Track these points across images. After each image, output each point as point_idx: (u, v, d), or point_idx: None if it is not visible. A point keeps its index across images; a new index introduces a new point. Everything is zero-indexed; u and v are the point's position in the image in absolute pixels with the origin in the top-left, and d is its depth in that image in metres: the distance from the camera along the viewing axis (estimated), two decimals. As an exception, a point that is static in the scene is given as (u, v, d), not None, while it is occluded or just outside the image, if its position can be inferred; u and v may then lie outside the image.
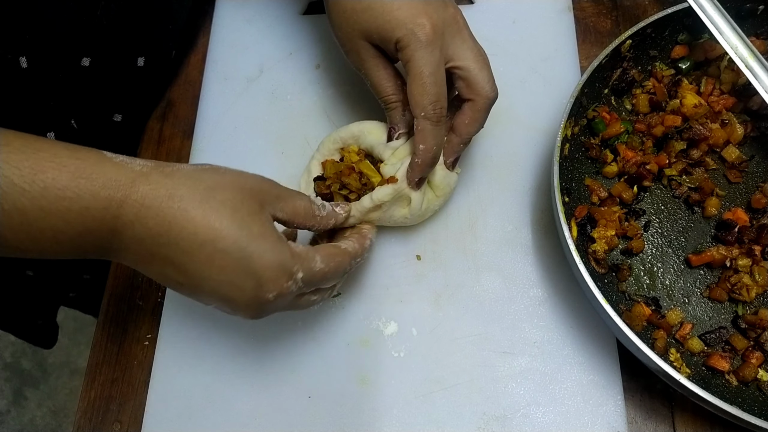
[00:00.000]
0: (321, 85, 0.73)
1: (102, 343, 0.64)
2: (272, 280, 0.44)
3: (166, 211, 0.42)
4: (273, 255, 0.44)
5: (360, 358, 0.60)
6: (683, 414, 0.56)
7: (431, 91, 0.51)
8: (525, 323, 0.60)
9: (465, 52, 0.53)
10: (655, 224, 0.62)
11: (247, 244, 0.43)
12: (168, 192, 0.42)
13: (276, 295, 0.45)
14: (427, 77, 0.51)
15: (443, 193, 0.60)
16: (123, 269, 0.67)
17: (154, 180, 0.43)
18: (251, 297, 0.44)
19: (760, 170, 0.63)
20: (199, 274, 0.43)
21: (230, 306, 0.46)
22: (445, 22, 0.51)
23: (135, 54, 0.69)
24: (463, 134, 0.56)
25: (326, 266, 0.48)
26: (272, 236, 0.45)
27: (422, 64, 0.50)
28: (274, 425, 0.59)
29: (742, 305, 0.57)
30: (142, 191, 0.42)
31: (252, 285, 0.44)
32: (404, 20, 0.50)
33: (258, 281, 0.44)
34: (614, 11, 0.74)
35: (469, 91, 0.54)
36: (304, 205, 0.50)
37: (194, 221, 0.42)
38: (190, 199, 0.42)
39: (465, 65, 0.53)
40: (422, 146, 0.54)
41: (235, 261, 0.43)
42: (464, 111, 0.55)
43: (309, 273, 0.46)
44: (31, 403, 1.77)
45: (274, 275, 0.44)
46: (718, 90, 0.64)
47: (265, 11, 0.78)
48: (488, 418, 0.57)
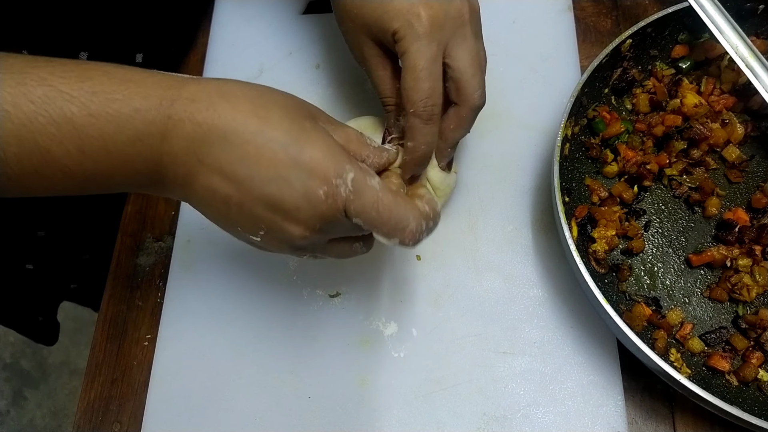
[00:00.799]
0: (321, 85, 0.73)
1: (102, 344, 0.64)
2: (321, 173, 0.40)
3: (216, 106, 0.40)
4: (325, 148, 0.41)
5: (360, 358, 0.60)
6: (684, 414, 0.56)
7: (423, 87, 0.49)
8: (525, 323, 0.60)
9: (462, 52, 0.50)
10: (656, 224, 0.61)
11: (298, 135, 0.41)
12: (217, 88, 0.41)
13: (326, 192, 0.40)
14: (420, 71, 0.48)
15: (444, 194, 0.60)
16: (123, 269, 0.67)
17: (204, 80, 0.42)
18: (301, 195, 0.40)
19: (760, 170, 0.62)
20: (247, 173, 0.40)
21: (280, 213, 0.41)
22: (447, 14, 0.48)
23: (133, 50, 0.68)
24: (449, 139, 0.54)
25: (381, 192, 0.43)
26: (325, 133, 0.42)
27: (416, 57, 0.48)
28: (274, 425, 0.59)
29: (743, 305, 0.57)
30: (191, 89, 0.41)
31: (302, 178, 0.40)
32: (401, 11, 0.48)
33: (308, 173, 0.40)
34: (614, 11, 0.74)
35: (457, 94, 0.51)
36: (356, 134, 0.47)
37: (243, 113, 0.40)
38: (239, 96, 0.41)
39: (458, 66, 0.50)
40: (410, 144, 0.51)
41: (284, 150, 0.40)
42: (450, 115, 0.53)
43: (361, 183, 0.42)
44: (30, 404, 1.77)
45: (324, 166, 0.40)
46: (719, 90, 0.64)
47: (265, 11, 0.78)
48: (488, 418, 0.57)
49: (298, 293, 0.63)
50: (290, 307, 0.63)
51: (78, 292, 0.95)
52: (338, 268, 0.64)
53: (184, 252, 0.67)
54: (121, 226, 0.70)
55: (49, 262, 0.85)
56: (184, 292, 0.65)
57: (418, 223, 0.44)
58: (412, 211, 0.44)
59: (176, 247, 0.67)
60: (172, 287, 0.65)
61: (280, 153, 0.40)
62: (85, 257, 0.88)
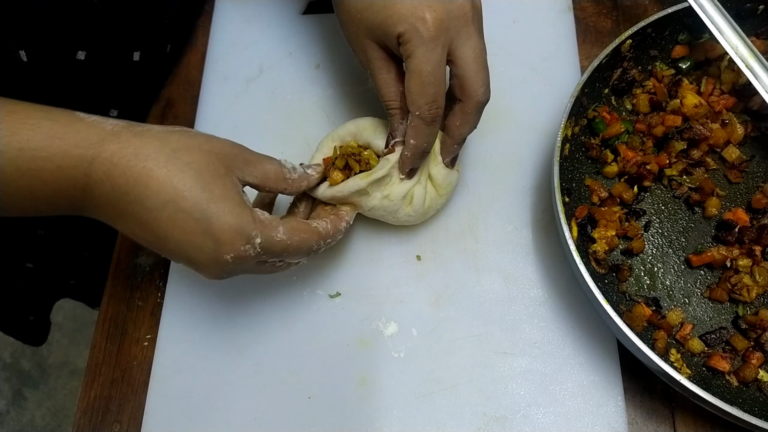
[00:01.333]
0: (321, 85, 0.73)
1: (101, 344, 0.64)
2: (230, 242, 0.45)
3: (133, 170, 0.43)
4: (231, 217, 0.45)
5: (360, 358, 0.60)
6: (684, 414, 0.56)
7: (429, 91, 0.50)
8: (525, 324, 0.60)
9: (466, 51, 0.50)
10: (656, 224, 0.61)
11: (207, 205, 0.44)
12: (135, 151, 0.44)
13: (234, 257, 0.46)
14: (426, 76, 0.49)
15: (446, 191, 0.60)
16: (123, 269, 0.67)
17: (124, 139, 0.44)
18: (210, 257, 0.46)
19: (760, 170, 0.62)
20: (163, 233, 0.45)
21: (193, 265, 0.47)
22: (450, 14, 0.49)
23: (131, 48, 0.68)
24: (456, 136, 0.55)
25: (288, 239, 0.49)
26: (234, 199, 0.46)
27: (422, 62, 0.49)
28: (274, 425, 0.59)
29: (743, 306, 0.57)
30: (111, 149, 0.44)
31: (211, 246, 0.45)
32: (406, 14, 0.48)
33: (216, 242, 0.45)
34: (614, 11, 0.74)
35: (461, 92, 0.52)
36: (275, 169, 0.51)
37: (158, 180, 0.44)
38: (155, 159, 0.44)
39: (463, 64, 0.51)
40: (412, 141, 0.53)
41: (195, 222, 0.44)
42: (455, 112, 0.54)
43: (268, 241, 0.47)
44: (30, 404, 1.77)
45: (231, 237, 0.45)
46: (719, 90, 0.64)
47: (265, 11, 0.78)
48: (488, 418, 0.57)
49: (298, 293, 0.63)
50: (290, 307, 0.63)
51: (77, 288, 0.95)
52: (338, 268, 0.64)
53: (184, 252, 0.66)
54: (121, 226, 0.70)
55: (48, 260, 0.85)
56: (184, 292, 0.65)
57: (318, 244, 0.52)
58: (313, 237, 0.51)
59: (176, 247, 0.67)
60: (172, 287, 0.65)
61: (191, 223, 0.44)
62: (84, 254, 0.88)
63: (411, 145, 0.53)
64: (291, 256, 0.50)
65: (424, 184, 0.58)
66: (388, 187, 0.56)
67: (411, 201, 0.58)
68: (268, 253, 0.48)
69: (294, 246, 0.49)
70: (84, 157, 0.43)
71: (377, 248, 0.64)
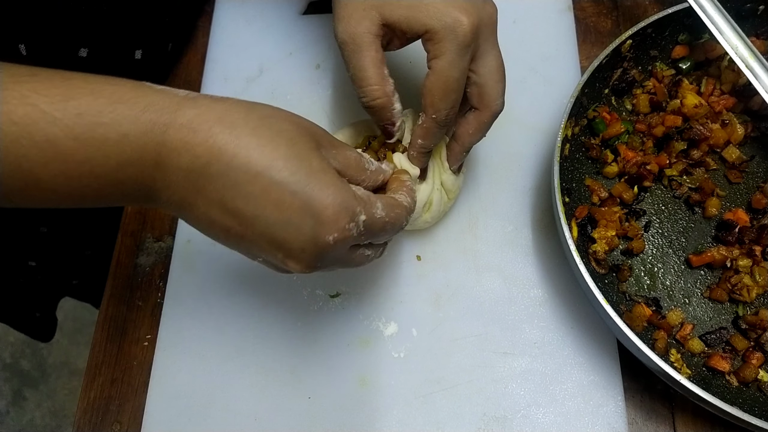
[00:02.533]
0: (321, 85, 0.73)
1: (101, 344, 0.64)
2: (333, 220, 0.39)
3: (217, 137, 0.37)
4: (335, 191, 0.39)
5: (360, 358, 0.60)
6: (684, 415, 0.56)
7: (452, 98, 0.49)
8: (525, 324, 0.60)
9: (489, 61, 0.50)
10: (656, 224, 0.61)
11: (306, 178, 0.38)
12: (218, 116, 0.38)
13: (336, 237, 0.39)
14: (452, 82, 0.48)
15: (454, 195, 0.61)
16: (123, 269, 0.67)
17: (203, 104, 0.39)
18: (309, 239, 0.39)
19: (760, 170, 0.62)
20: (251, 212, 0.38)
21: (283, 251, 0.40)
22: (482, 22, 0.48)
23: (132, 47, 0.68)
24: (466, 143, 0.55)
25: (387, 215, 0.44)
26: (333, 174, 0.41)
27: (452, 67, 0.47)
28: (274, 426, 0.59)
29: (743, 306, 0.57)
30: (189, 115, 0.38)
31: (311, 224, 0.39)
32: (443, 11, 0.46)
33: (318, 220, 0.39)
34: (614, 11, 0.74)
35: (479, 101, 0.52)
36: (356, 157, 0.46)
37: (248, 148, 0.38)
38: (243, 126, 0.38)
39: (484, 73, 0.50)
40: (420, 141, 0.52)
41: (292, 195, 0.38)
42: (469, 120, 0.53)
43: (371, 218, 0.42)
44: (30, 404, 1.77)
45: (335, 214, 0.39)
46: (719, 90, 0.64)
47: (265, 11, 0.78)
48: (488, 418, 0.57)
49: (298, 293, 0.63)
50: (290, 307, 0.63)
51: (79, 288, 0.95)
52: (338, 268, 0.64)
53: (184, 252, 0.67)
54: (121, 226, 0.70)
55: (51, 258, 0.85)
56: (184, 292, 0.65)
57: (406, 219, 0.48)
58: (404, 211, 0.47)
59: (176, 247, 0.67)
60: (172, 287, 0.65)
61: (288, 197, 0.38)
62: (87, 253, 0.88)
63: (419, 145, 0.52)
64: (387, 234, 0.45)
65: (440, 189, 0.59)
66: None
67: (430, 207, 0.58)
68: (369, 232, 0.42)
69: (391, 222, 0.44)
70: (156, 122, 0.37)
71: (377, 248, 0.64)
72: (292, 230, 0.39)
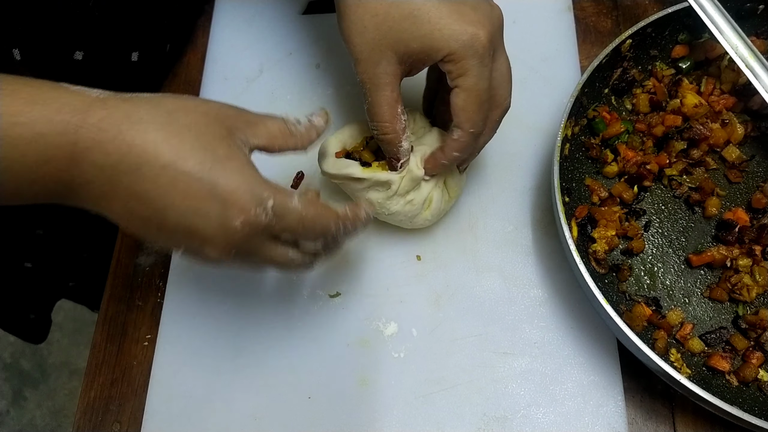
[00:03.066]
0: (321, 85, 0.73)
1: (101, 344, 0.64)
2: (239, 204, 0.41)
3: (125, 134, 0.40)
4: (240, 176, 0.41)
5: (360, 358, 0.60)
6: (684, 414, 0.56)
7: (485, 108, 0.50)
8: (525, 324, 0.60)
9: (502, 63, 0.51)
10: (656, 224, 0.61)
11: (211, 165, 0.40)
12: (125, 114, 0.40)
13: (243, 221, 0.41)
14: (483, 93, 0.49)
15: (456, 195, 0.61)
16: (123, 269, 0.67)
17: (112, 104, 0.41)
18: (218, 224, 0.41)
19: (760, 170, 0.62)
20: (163, 202, 0.40)
21: (198, 239, 0.42)
22: (494, 28, 0.49)
23: (129, 49, 0.68)
24: (480, 143, 0.55)
25: (303, 209, 0.44)
26: (241, 159, 0.42)
27: (480, 80, 0.48)
28: (274, 426, 0.58)
29: (743, 305, 0.57)
30: (98, 115, 0.40)
31: (217, 210, 0.41)
32: (458, 31, 0.46)
33: (224, 204, 0.40)
34: (614, 11, 0.74)
35: (491, 102, 0.52)
36: (278, 125, 0.47)
37: (155, 143, 0.40)
38: (150, 121, 0.40)
39: (498, 76, 0.51)
40: (456, 154, 0.53)
41: (198, 183, 0.40)
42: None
43: (282, 206, 0.43)
44: (30, 404, 1.77)
45: (240, 198, 0.41)
46: (719, 90, 0.64)
47: (265, 11, 0.78)
48: (488, 418, 0.57)
49: (298, 293, 0.63)
50: (290, 307, 0.63)
51: (76, 290, 0.95)
52: (338, 268, 0.64)
53: (184, 252, 0.67)
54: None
55: (48, 260, 0.85)
56: (184, 292, 0.65)
57: (336, 225, 0.47)
58: (331, 215, 0.46)
59: (176, 247, 0.67)
60: (172, 287, 0.65)
61: (195, 185, 0.40)
62: (84, 255, 0.88)
63: (454, 158, 0.53)
64: (307, 232, 0.45)
65: (441, 187, 0.59)
66: (412, 193, 0.57)
67: (430, 205, 0.59)
68: (282, 222, 0.43)
69: (309, 218, 0.44)
70: (69, 123, 0.39)
71: (377, 248, 0.64)
72: (202, 217, 0.41)
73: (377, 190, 0.57)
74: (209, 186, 0.40)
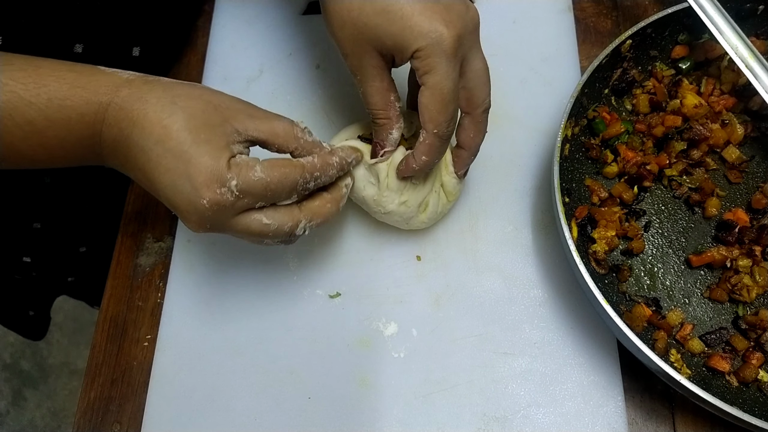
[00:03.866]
0: (321, 85, 0.73)
1: (101, 344, 0.64)
2: (204, 185, 0.44)
3: (134, 112, 0.45)
4: (208, 159, 0.45)
5: (360, 358, 0.60)
6: (684, 415, 0.56)
7: (450, 109, 0.49)
8: (525, 324, 0.60)
9: (477, 63, 0.50)
10: (656, 225, 0.61)
11: (188, 146, 0.45)
12: (140, 95, 0.46)
13: (209, 201, 0.45)
14: (447, 93, 0.48)
15: (454, 197, 0.61)
16: (123, 269, 0.67)
17: (135, 85, 0.47)
18: (189, 202, 0.45)
19: (760, 170, 0.63)
20: (154, 176, 0.46)
21: (178, 213, 0.47)
22: (466, 29, 0.48)
23: (130, 44, 0.68)
24: (472, 147, 0.55)
25: (267, 176, 0.47)
26: (216, 144, 0.46)
27: (444, 79, 0.48)
28: (274, 426, 0.59)
29: (743, 306, 0.57)
30: (122, 95, 0.46)
31: (188, 188, 0.45)
32: (426, 29, 0.47)
33: (193, 185, 0.45)
34: (614, 11, 0.74)
35: (469, 104, 0.52)
36: (284, 126, 0.50)
37: (150, 121, 0.45)
38: (155, 103, 0.45)
39: (473, 77, 0.51)
40: (424, 158, 0.52)
41: (176, 161, 0.45)
42: (466, 126, 0.54)
43: (246, 182, 0.46)
44: (30, 404, 1.77)
45: (205, 179, 0.44)
46: (719, 90, 0.64)
47: (265, 11, 0.78)
48: (488, 419, 0.57)
49: (298, 293, 0.63)
50: (290, 307, 0.63)
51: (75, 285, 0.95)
52: (338, 268, 0.64)
53: (184, 252, 0.67)
54: (121, 226, 0.70)
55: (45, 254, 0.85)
56: (184, 292, 0.65)
57: (303, 178, 0.49)
58: (296, 170, 0.49)
59: (176, 247, 0.67)
60: (172, 287, 0.65)
61: (173, 163, 0.45)
62: (82, 249, 0.88)
63: (423, 162, 0.52)
64: (276, 195, 0.48)
65: (438, 192, 0.59)
66: (406, 194, 0.57)
67: (426, 208, 0.59)
68: (249, 195, 0.46)
69: (275, 182, 0.47)
70: (101, 103, 0.46)
71: (377, 248, 0.64)
72: (178, 193, 0.46)
73: (371, 183, 0.57)
74: (183, 166, 0.45)
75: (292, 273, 0.64)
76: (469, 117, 0.53)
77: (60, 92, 0.45)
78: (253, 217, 0.48)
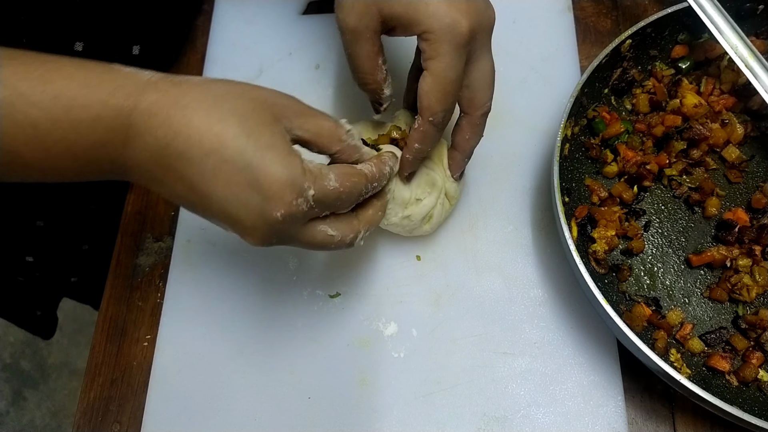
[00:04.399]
0: (321, 85, 0.73)
1: (101, 344, 0.64)
2: (279, 196, 0.40)
3: (172, 119, 0.40)
4: (281, 168, 0.40)
5: (360, 358, 0.60)
6: (684, 414, 0.56)
7: (449, 100, 0.49)
8: (525, 324, 0.60)
9: (483, 66, 0.50)
10: (656, 224, 0.61)
11: (253, 154, 0.40)
12: (174, 99, 0.41)
13: (284, 213, 0.41)
14: (449, 84, 0.48)
15: (455, 201, 0.61)
16: (123, 269, 0.67)
17: (163, 88, 0.41)
18: (257, 215, 0.41)
19: (760, 170, 0.62)
20: (206, 190, 0.41)
21: (239, 227, 0.42)
22: (481, 25, 0.48)
23: (130, 42, 0.68)
24: (466, 149, 0.55)
25: (340, 185, 0.44)
26: (283, 148, 0.41)
27: (449, 68, 0.47)
28: (274, 426, 0.59)
29: (743, 305, 0.57)
30: (150, 99, 0.40)
31: (257, 201, 0.40)
32: (444, 11, 0.45)
33: (264, 196, 0.40)
34: (614, 11, 0.74)
35: (469, 105, 0.52)
36: (330, 126, 0.46)
37: (199, 129, 0.40)
38: (196, 107, 0.40)
39: (479, 77, 0.50)
40: (417, 145, 0.52)
41: (239, 173, 0.40)
42: (462, 127, 0.53)
43: (322, 191, 0.43)
44: (30, 404, 1.77)
45: (281, 190, 0.40)
46: (718, 90, 0.64)
47: (265, 11, 0.78)
48: (488, 419, 0.57)
49: (298, 293, 0.63)
50: (290, 307, 0.63)
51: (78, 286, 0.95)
52: (338, 268, 0.64)
53: (184, 252, 0.67)
54: (121, 226, 0.70)
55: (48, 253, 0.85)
56: (184, 292, 0.65)
57: (366, 187, 0.47)
58: (362, 179, 0.46)
59: (176, 247, 0.67)
60: (172, 287, 0.65)
61: (236, 175, 0.40)
62: (85, 247, 0.88)
63: (415, 149, 0.52)
64: (343, 204, 0.46)
65: (443, 203, 0.59)
66: (410, 208, 0.56)
67: (430, 220, 0.59)
68: (322, 205, 0.43)
69: (347, 191, 0.45)
70: (122, 107, 0.40)
71: (377, 248, 0.64)
72: (242, 207, 0.41)
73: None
74: (250, 176, 0.40)
75: (292, 273, 0.64)
76: (467, 118, 0.53)
77: (68, 90, 0.39)
78: (318, 228, 0.46)
